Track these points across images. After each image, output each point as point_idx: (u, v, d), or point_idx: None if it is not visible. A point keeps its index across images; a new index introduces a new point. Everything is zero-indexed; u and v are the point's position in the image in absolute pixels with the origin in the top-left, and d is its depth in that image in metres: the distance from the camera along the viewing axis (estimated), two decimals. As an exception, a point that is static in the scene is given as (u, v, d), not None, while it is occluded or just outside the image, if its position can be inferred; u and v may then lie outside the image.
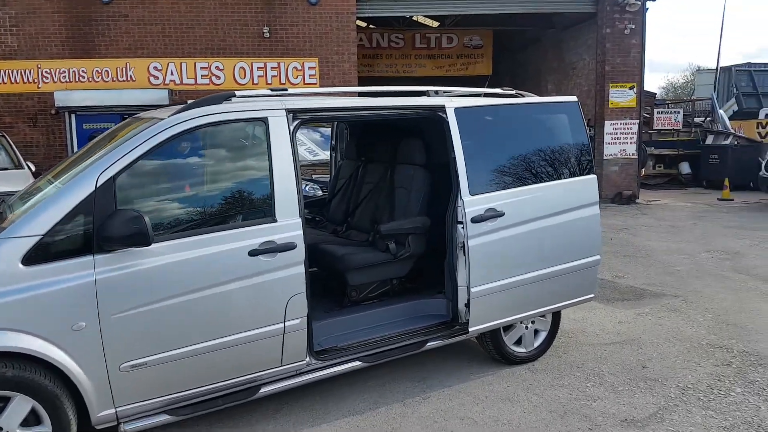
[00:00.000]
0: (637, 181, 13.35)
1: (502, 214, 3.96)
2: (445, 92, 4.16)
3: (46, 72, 11.42)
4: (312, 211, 5.34)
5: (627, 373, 4.26)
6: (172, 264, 3.06)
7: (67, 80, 11.48)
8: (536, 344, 4.48)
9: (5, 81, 11.33)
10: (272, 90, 3.63)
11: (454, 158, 3.87)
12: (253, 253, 3.24)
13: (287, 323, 3.40)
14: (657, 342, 4.83)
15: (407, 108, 3.89)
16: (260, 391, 3.40)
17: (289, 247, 3.34)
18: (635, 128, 13.25)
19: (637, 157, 13.27)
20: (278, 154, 3.40)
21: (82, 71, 11.54)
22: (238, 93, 3.52)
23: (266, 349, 3.36)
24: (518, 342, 4.40)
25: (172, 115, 3.24)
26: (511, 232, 4.02)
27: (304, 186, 7.31)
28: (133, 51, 11.67)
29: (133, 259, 2.96)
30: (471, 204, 3.87)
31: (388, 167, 4.61)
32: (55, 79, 11.44)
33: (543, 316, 4.43)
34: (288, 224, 3.38)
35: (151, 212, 3.09)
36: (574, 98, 4.56)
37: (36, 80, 11.41)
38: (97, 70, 11.61)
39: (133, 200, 3.07)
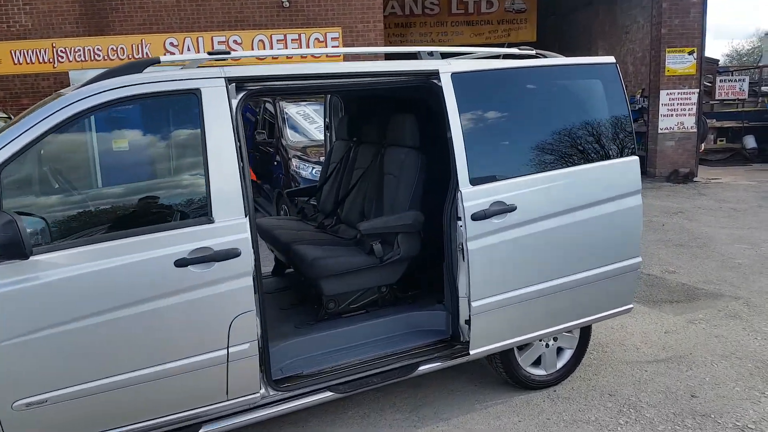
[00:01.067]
0: (695, 157, 12.01)
1: (512, 209, 3.14)
2: (444, 54, 3.32)
3: (61, 51, 11.07)
4: (301, 200, 4.63)
5: (671, 405, 3.41)
6: (74, 279, 2.41)
7: (83, 59, 11.10)
8: (559, 365, 3.67)
9: (20, 61, 11.05)
10: (210, 53, 2.90)
11: (451, 138, 3.06)
12: (180, 263, 2.57)
13: (232, 349, 2.72)
14: (711, 361, 3.93)
15: (390, 75, 3.09)
16: (200, 431, 2.75)
17: (230, 254, 2.65)
18: (694, 98, 11.87)
19: (696, 130, 11.91)
20: (215, 135, 2.68)
21: (97, 49, 11.12)
22: (164, 58, 2.82)
23: (205, 381, 2.70)
24: (536, 363, 3.61)
25: (78, 88, 2.57)
26: (526, 231, 3.20)
27: (310, 169, 6.68)
28: (148, 27, 11.16)
29: (20, 273, 2.33)
30: (471, 196, 3.07)
31: (379, 150, 3.84)
32: (71, 58, 11.08)
33: (569, 331, 3.60)
34: (229, 225, 2.68)
35: (47, 213, 2.45)
36: (610, 59, 3.63)
37: (51, 60, 11.08)
38: (112, 48, 11.17)
39: (22, 198, 2.44)
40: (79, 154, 2.62)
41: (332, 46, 11.37)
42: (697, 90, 11.85)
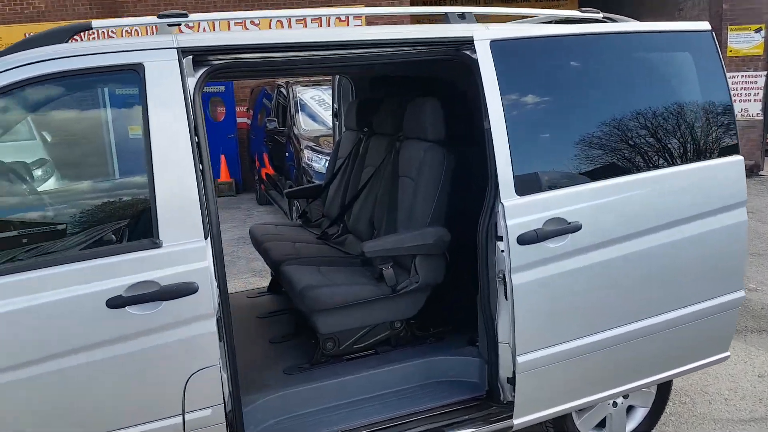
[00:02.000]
0: (761, 148, 10.77)
1: (576, 228, 2.27)
2: (479, 16, 2.44)
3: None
4: (307, 201, 3.84)
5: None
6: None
7: (94, 41, 10.52)
8: (629, 428, 2.80)
9: (31, 44, 10.54)
10: (161, 16, 2.10)
11: (489, 130, 2.21)
12: (114, 302, 1.82)
13: (188, 416, 2.00)
14: (832, 422, 3.00)
15: (405, 45, 2.24)
16: None
17: (183, 290, 1.89)
18: (761, 82, 10.59)
19: (762, 118, 10.65)
20: (163, 127, 1.92)
21: (111, 32, 10.52)
22: (96, 23, 2.05)
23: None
24: (600, 425, 2.75)
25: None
26: (594, 259, 2.33)
27: (324, 162, 5.87)
28: (162, 8, 10.50)
29: None
30: (517, 211, 2.21)
31: (393, 144, 3.00)
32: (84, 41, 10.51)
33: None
34: (182, 251, 1.91)
35: None
36: (704, 25, 2.69)
37: (63, 43, 10.53)
38: (126, 30, 10.56)
39: None
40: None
41: (354, 25, 10.51)
42: (765, 73, 10.57)
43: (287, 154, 6.72)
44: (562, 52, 2.39)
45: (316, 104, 6.79)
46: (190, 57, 1.98)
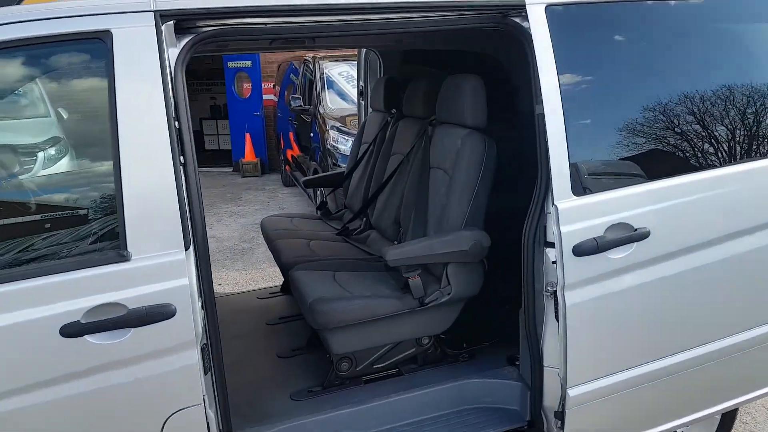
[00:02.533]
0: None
1: (644, 236, 1.86)
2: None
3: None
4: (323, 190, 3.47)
5: None
6: None
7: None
8: (690, 462, 2.40)
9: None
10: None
11: (542, 115, 1.79)
12: (70, 330, 1.50)
13: None
14: None
15: (440, 8, 1.83)
16: None
17: (156, 314, 1.55)
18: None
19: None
20: (135, 109, 1.57)
21: None
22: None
23: None
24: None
25: None
26: (663, 272, 1.92)
27: (350, 144, 5.49)
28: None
29: None
30: (574, 215, 1.81)
31: (424, 128, 2.59)
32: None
33: (710, 415, 2.31)
34: (155, 265, 1.58)
35: None
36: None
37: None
38: None
39: None
40: None
41: None
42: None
43: (312, 134, 6.36)
44: (635, 20, 1.94)
45: (345, 81, 6.38)
46: (172, 23, 1.62)
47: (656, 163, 1.95)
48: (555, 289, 1.87)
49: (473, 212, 2.14)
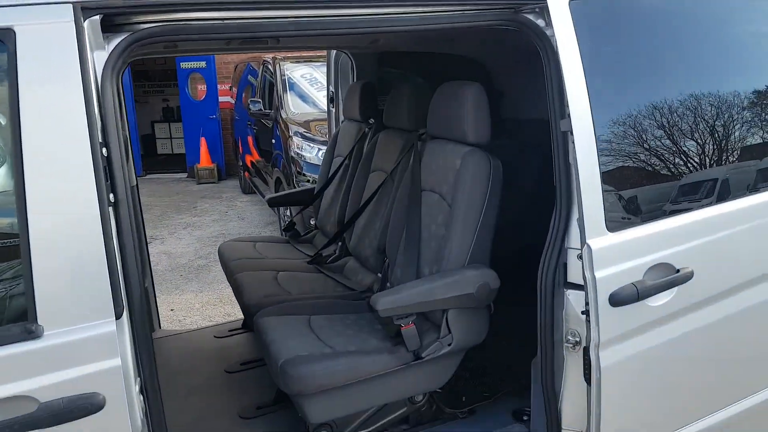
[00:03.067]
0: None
1: (687, 278, 1.54)
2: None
3: None
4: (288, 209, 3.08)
5: None
6: None
7: None
8: None
9: None
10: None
11: (568, 134, 1.46)
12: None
13: None
14: None
15: (436, 4, 1.47)
16: None
17: (78, 409, 1.15)
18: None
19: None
20: (45, 131, 1.16)
21: None
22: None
23: None
24: None
25: None
26: (707, 318, 1.62)
27: (316, 151, 5.09)
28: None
29: None
30: (609, 256, 1.48)
31: (411, 143, 2.22)
32: None
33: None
34: (76, 343, 1.19)
35: None
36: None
37: None
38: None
39: None
40: None
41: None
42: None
43: (274, 140, 5.92)
44: (682, 14, 1.62)
45: (308, 84, 5.97)
46: (98, 18, 1.21)
47: (700, 188, 1.65)
48: (578, 339, 1.55)
49: (478, 246, 1.78)
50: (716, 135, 1.65)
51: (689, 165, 1.65)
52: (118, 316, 1.21)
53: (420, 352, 1.79)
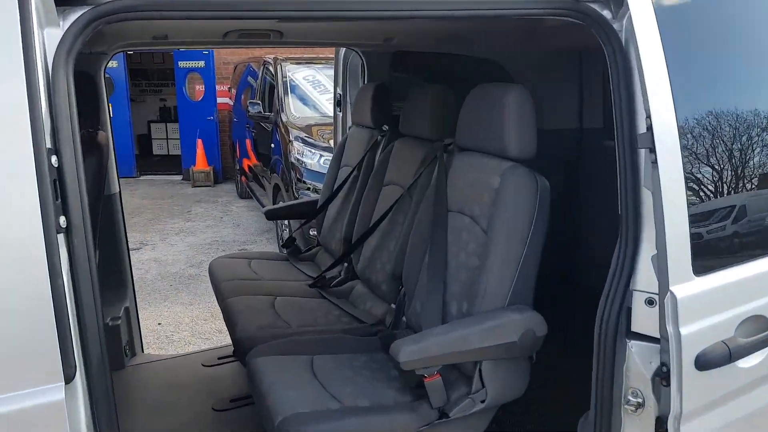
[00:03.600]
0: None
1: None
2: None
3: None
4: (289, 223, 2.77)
5: None
6: None
7: None
8: None
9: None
10: None
11: (641, 152, 1.16)
12: None
13: None
14: None
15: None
16: None
17: None
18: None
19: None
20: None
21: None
22: None
23: None
24: None
25: None
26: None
27: (318, 158, 4.78)
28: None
29: None
30: (696, 307, 1.17)
31: (435, 154, 1.91)
32: None
33: None
34: (13, 413, 0.85)
35: None
36: None
37: None
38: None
39: None
40: None
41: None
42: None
43: (273, 144, 5.61)
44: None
45: (310, 86, 5.66)
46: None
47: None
48: (640, 401, 1.26)
49: (521, 283, 1.47)
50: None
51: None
52: (68, 380, 0.91)
53: (447, 410, 1.48)
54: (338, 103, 2.90)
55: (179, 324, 3.97)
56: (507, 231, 1.47)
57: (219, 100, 8.83)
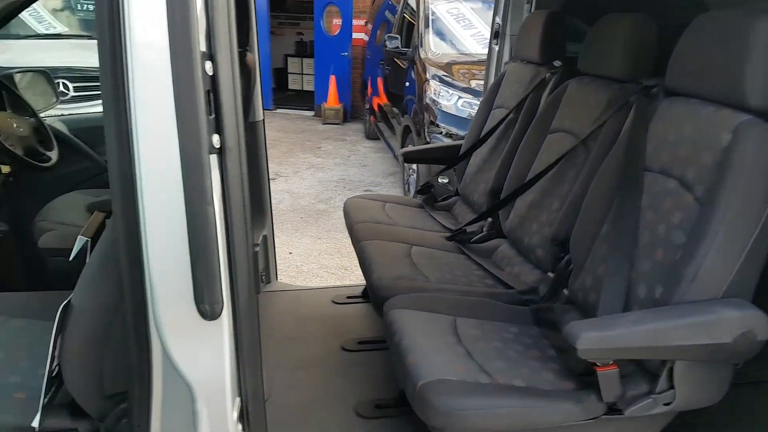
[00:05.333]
0: None
1: None
2: None
3: None
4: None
5: None
6: None
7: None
8: None
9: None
10: None
11: None
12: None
13: None
14: None
15: None
16: None
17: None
18: None
19: None
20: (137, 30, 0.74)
21: None
22: None
23: None
24: None
25: None
26: None
27: (456, 99, 4.48)
28: None
29: None
30: None
31: (627, 98, 1.55)
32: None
33: None
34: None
35: None
36: None
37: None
38: None
39: None
40: None
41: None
42: None
43: (407, 83, 5.35)
44: None
45: (453, 20, 5.27)
46: None
47: None
48: None
49: (745, 271, 1.13)
50: None
51: None
52: (213, 316, 0.79)
53: (620, 406, 1.21)
54: (495, 34, 2.56)
55: (308, 255, 4.00)
56: (737, 203, 1.12)
57: (354, 35, 8.67)
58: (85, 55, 5.45)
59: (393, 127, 5.96)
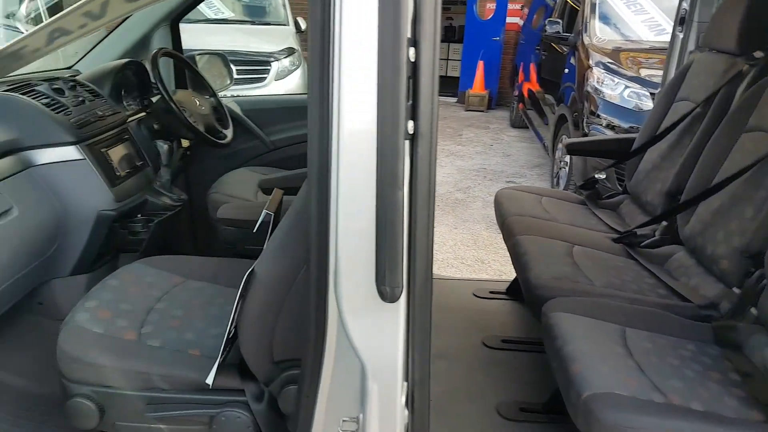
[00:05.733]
0: None
1: None
2: None
3: None
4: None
5: None
6: None
7: None
8: None
9: None
10: None
11: None
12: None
13: None
14: None
15: None
16: None
17: None
18: None
19: None
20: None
21: None
22: None
23: None
24: None
25: None
26: None
27: (622, 89, 4.17)
28: None
29: None
30: None
31: None
32: None
33: None
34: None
35: None
36: None
37: None
38: None
39: None
40: None
41: None
42: None
43: (567, 69, 5.07)
44: None
45: (623, 5, 4.89)
46: None
47: None
48: None
49: None
50: None
51: None
52: (393, 299, 0.82)
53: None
54: (681, 20, 2.32)
55: (443, 244, 4.00)
56: None
57: (508, 19, 8.42)
58: (246, 39, 5.84)
59: (545, 115, 5.72)
